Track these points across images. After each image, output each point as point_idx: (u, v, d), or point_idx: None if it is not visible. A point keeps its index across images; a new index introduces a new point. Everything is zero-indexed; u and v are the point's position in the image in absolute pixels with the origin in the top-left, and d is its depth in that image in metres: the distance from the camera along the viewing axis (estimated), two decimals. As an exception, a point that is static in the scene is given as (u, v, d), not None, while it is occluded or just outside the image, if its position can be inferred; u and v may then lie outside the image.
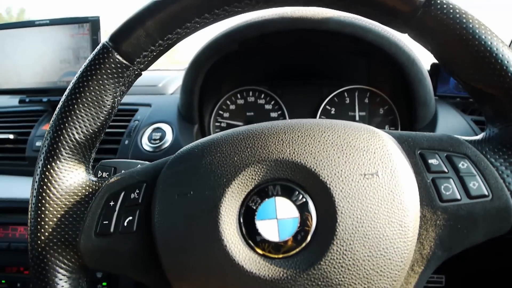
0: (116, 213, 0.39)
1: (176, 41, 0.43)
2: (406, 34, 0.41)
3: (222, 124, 1.02)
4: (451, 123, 0.90)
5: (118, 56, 0.40)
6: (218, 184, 0.35)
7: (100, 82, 0.40)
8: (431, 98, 0.87)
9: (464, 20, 0.37)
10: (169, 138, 0.93)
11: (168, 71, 1.31)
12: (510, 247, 0.84)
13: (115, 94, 0.42)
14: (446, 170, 0.37)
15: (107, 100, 0.41)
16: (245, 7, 0.41)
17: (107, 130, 0.94)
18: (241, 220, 0.34)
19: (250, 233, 0.34)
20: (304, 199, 0.34)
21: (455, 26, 0.36)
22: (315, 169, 0.34)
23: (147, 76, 1.25)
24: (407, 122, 0.94)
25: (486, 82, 0.37)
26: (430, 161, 0.37)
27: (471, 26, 0.36)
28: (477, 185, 0.36)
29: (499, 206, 0.36)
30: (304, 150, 0.35)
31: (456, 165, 0.37)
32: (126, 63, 0.41)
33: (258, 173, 0.35)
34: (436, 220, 0.35)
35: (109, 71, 0.40)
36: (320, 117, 0.99)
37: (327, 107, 1.00)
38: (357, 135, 0.37)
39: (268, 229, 0.33)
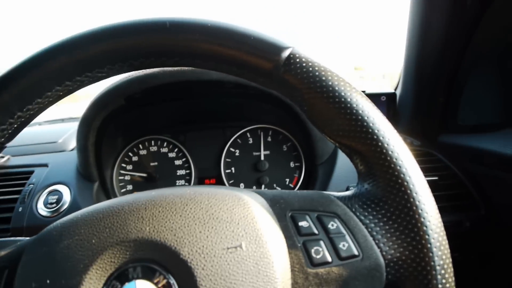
0: None
1: (39, 110, 0.40)
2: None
3: (126, 177, 0.99)
4: None
5: None
6: (75, 270, 0.32)
7: None
8: None
9: (324, 77, 0.37)
10: (67, 199, 0.88)
11: (71, 123, 1.26)
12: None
13: None
14: (316, 232, 0.36)
15: None
16: (108, 72, 0.40)
17: (-1, 197, 0.89)
18: None
19: None
20: (166, 280, 0.32)
21: (315, 83, 0.37)
22: (175, 247, 0.33)
23: (46, 131, 1.20)
24: (310, 157, 0.95)
25: (350, 138, 0.37)
26: (300, 223, 0.37)
27: (330, 82, 0.37)
28: (347, 245, 0.35)
29: (369, 265, 0.35)
30: (165, 227, 0.34)
31: (326, 225, 0.36)
32: None
33: (117, 255, 0.33)
34: (308, 286, 0.35)
35: None
36: (225, 160, 0.98)
37: (231, 149, 0.99)
38: (221, 205, 0.36)
39: None
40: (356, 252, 0.35)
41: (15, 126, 0.40)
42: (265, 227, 0.35)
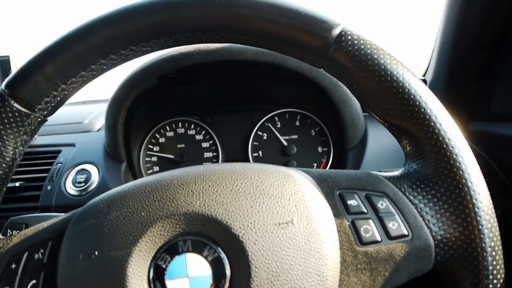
0: (18, 276, 0.35)
1: (83, 84, 0.40)
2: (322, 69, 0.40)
3: (153, 159, 0.98)
4: (381, 140, 0.91)
5: (15, 104, 0.37)
6: (124, 243, 0.33)
7: None
8: (358, 117, 0.88)
9: (376, 56, 0.36)
10: (95, 179, 0.88)
11: (95, 104, 1.26)
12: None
13: (16, 145, 0.39)
14: (365, 211, 0.36)
15: (6, 152, 0.38)
16: (153, 46, 0.39)
17: (28, 176, 0.90)
18: (151, 281, 0.32)
19: None
20: (217, 254, 0.32)
21: (366, 62, 0.36)
22: (226, 221, 0.33)
23: (72, 112, 1.19)
24: (339, 142, 0.94)
25: (401, 117, 0.36)
26: (349, 202, 0.37)
27: (382, 61, 0.36)
28: (396, 225, 0.35)
29: (419, 245, 0.35)
30: (215, 201, 0.34)
31: (375, 204, 0.36)
32: (26, 111, 0.38)
33: (167, 228, 0.33)
34: (357, 264, 0.35)
35: (5, 120, 0.37)
36: (252, 143, 0.98)
37: (259, 132, 0.99)
38: (272, 180, 0.35)
39: None
40: (405, 232, 0.35)
41: (59, 99, 0.40)
42: (315, 204, 0.35)
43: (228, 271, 0.32)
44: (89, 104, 1.31)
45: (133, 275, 0.32)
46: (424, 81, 1.06)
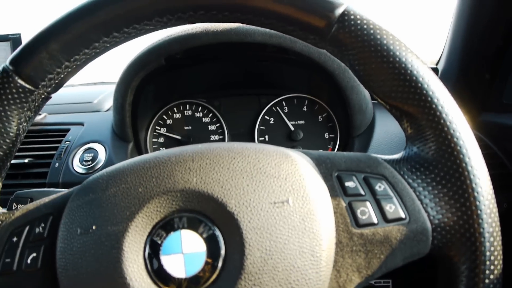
0: (19, 249, 0.36)
1: (86, 61, 0.41)
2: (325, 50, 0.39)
3: (160, 139, 0.99)
4: (389, 127, 0.90)
5: (19, 81, 0.38)
6: (121, 218, 0.33)
7: (1, 108, 0.38)
8: (366, 104, 0.87)
9: (379, 36, 0.36)
10: (102, 158, 0.89)
11: (105, 85, 1.27)
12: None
13: (19, 121, 0.39)
14: (363, 193, 0.36)
15: (10, 128, 0.39)
16: (156, 24, 0.39)
17: (36, 153, 0.91)
18: (146, 256, 0.32)
19: (155, 270, 0.32)
20: (212, 231, 0.32)
21: (369, 42, 0.36)
22: (222, 199, 0.33)
23: (82, 93, 1.21)
24: (346, 129, 0.94)
25: (403, 100, 0.36)
26: (347, 183, 0.36)
27: (385, 41, 0.36)
28: (393, 208, 0.35)
29: (416, 229, 0.35)
30: (212, 179, 0.34)
31: (373, 187, 0.36)
32: (30, 87, 0.39)
33: (164, 204, 0.33)
34: (352, 246, 0.35)
35: (10, 96, 0.38)
36: (259, 127, 0.98)
37: (266, 117, 0.98)
38: (269, 160, 0.35)
39: (174, 265, 0.31)
40: (403, 215, 0.35)
41: (62, 76, 0.40)
42: (312, 185, 0.34)
43: (222, 249, 0.32)
44: (100, 85, 1.33)
45: (129, 250, 0.32)
46: (436, 70, 1.05)
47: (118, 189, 0.35)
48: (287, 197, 0.33)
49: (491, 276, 0.34)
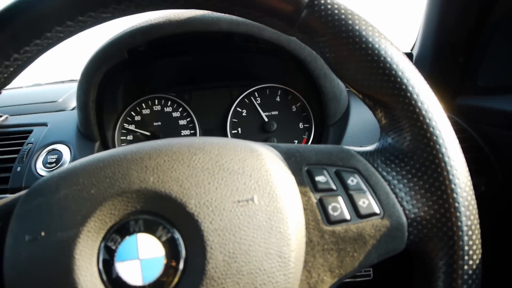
0: None
1: (38, 53, 0.38)
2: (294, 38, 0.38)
3: (129, 137, 0.95)
4: (364, 116, 0.88)
5: None
6: (72, 222, 0.30)
7: None
8: (340, 92, 0.85)
9: (351, 21, 0.34)
10: (67, 159, 0.85)
11: (71, 83, 1.22)
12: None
13: None
14: (334, 188, 0.34)
15: None
16: (114, 12, 0.37)
17: (-3, 157, 0.86)
18: (100, 264, 0.30)
19: (110, 278, 0.30)
20: (170, 234, 0.30)
21: (340, 28, 0.34)
22: (181, 199, 0.30)
23: (46, 91, 1.15)
24: (321, 118, 0.91)
25: (377, 88, 0.34)
26: (317, 178, 0.34)
27: (357, 27, 0.34)
28: (367, 202, 0.34)
29: (390, 224, 0.33)
30: (170, 178, 0.31)
31: (345, 181, 0.34)
32: None
33: (118, 207, 0.31)
34: (323, 244, 0.33)
35: None
36: (231, 120, 0.95)
37: (238, 109, 0.95)
38: (233, 155, 0.33)
39: (130, 272, 0.29)
40: (376, 210, 0.33)
41: (11, 69, 0.37)
42: (279, 181, 0.32)
43: (182, 252, 0.30)
44: (68, 83, 1.27)
45: (81, 257, 0.29)
46: (410, 55, 1.03)
47: (69, 191, 0.32)
48: (252, 195, 0.31)
49: (470, 272, 0.33)
